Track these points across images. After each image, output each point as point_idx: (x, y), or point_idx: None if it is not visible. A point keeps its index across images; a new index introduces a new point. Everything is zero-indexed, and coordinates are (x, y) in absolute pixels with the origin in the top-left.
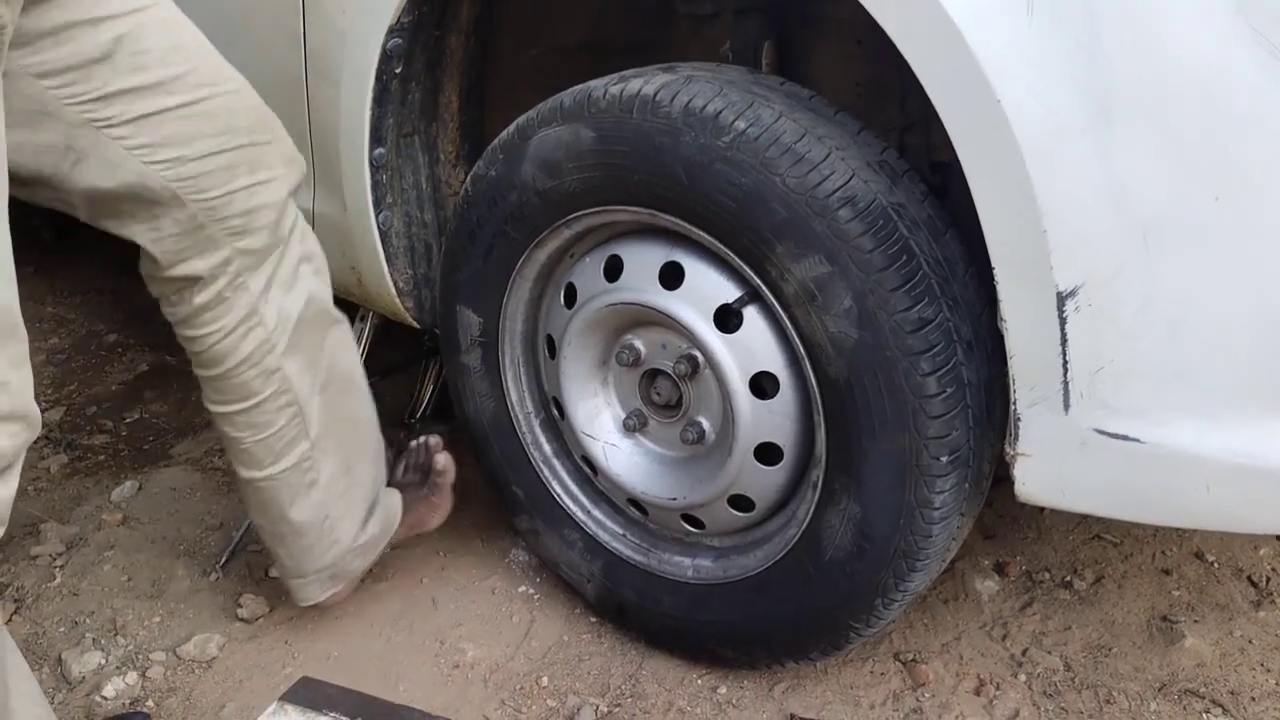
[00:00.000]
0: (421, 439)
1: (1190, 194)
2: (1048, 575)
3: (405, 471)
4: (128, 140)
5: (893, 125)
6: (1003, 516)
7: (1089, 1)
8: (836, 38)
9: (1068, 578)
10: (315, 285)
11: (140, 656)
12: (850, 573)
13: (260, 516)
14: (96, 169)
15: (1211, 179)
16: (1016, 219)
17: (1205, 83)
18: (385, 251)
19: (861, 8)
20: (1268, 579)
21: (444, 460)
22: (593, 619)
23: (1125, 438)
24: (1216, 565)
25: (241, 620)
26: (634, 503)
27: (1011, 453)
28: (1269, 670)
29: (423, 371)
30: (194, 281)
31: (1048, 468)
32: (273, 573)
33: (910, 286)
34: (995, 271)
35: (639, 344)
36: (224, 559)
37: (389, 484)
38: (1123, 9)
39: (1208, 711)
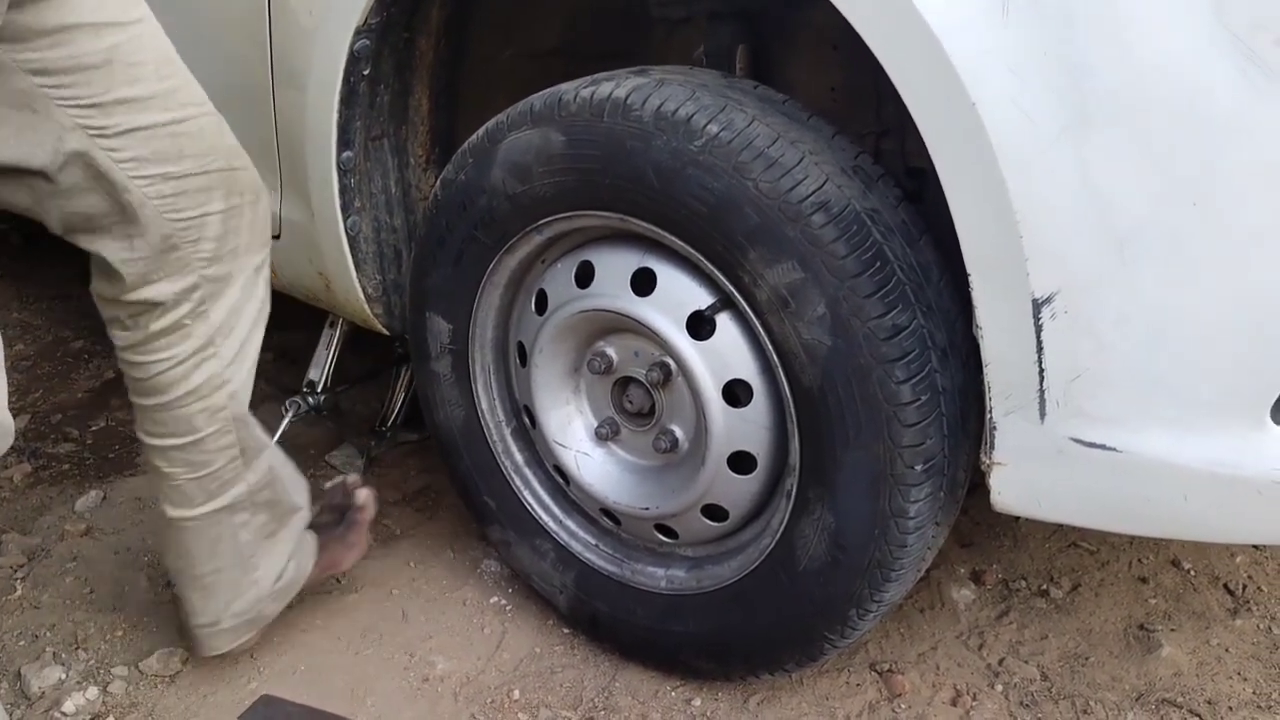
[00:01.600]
0: (339, 479)
1: (1168, 201)
2: (1024, 584)
3: (320, 512)
4: (118, 152)
5: (868, 130)
6: (979, 525)
7: (1066, 6)
8: (812, 42)
9: (1044, 586)
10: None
11: (101, 671)
12: (825, 583)
13: (180, 559)
14: (83, 177)
15: (1190, 186)
16: (992, 225)
17: (1184, 88)
18: (354, 257)
19: (837, 12)
20: (1244, 587)
21: (365, 496)
22: (566, 630)
23: (1102, 447)
24: (1193, 573)
25: None
26: (607, 513)
27: (987, 462)
28: (1246, 679)
29: (394, 379)
30: (155, 306)
31: (1024, 477)
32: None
33: (884, 293)
34: (970, 278)
35: (611, 351)
36: None
37: None
38: (1100, 14)
39: None
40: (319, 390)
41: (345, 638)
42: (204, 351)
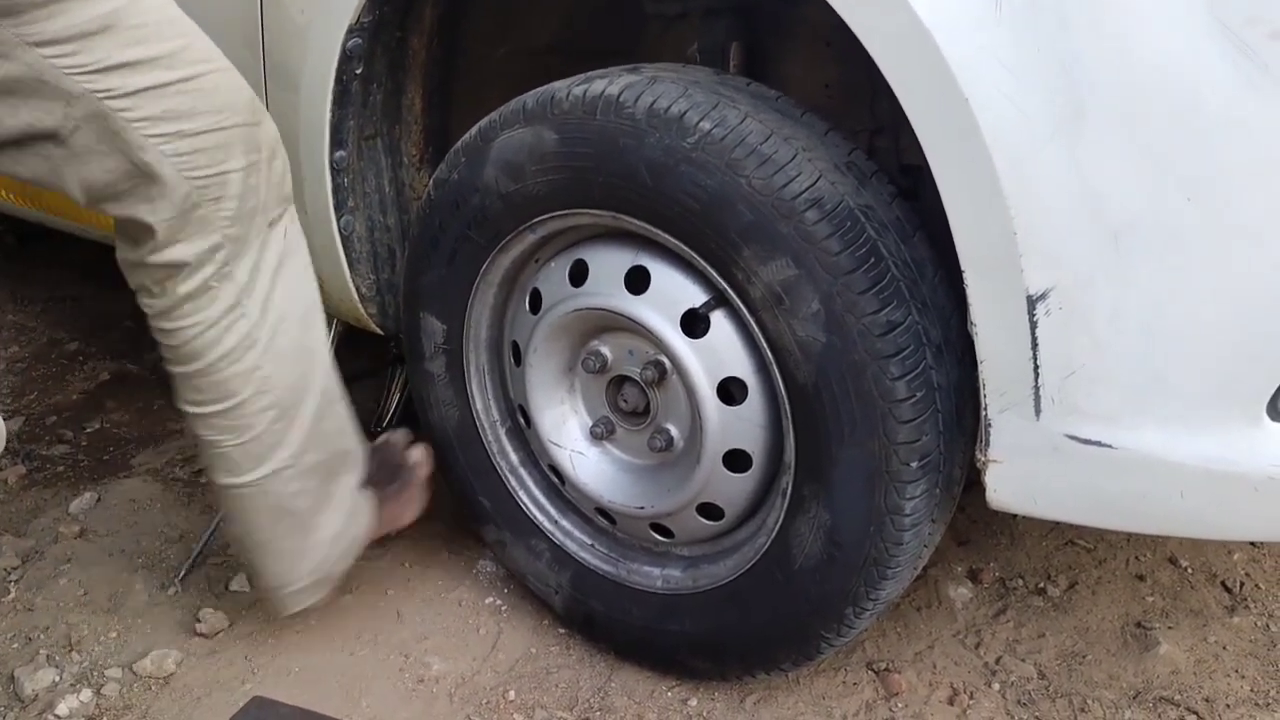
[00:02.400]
0: (386, 436)
1: (1163, 196)
2: (1021, 582)
3: (377, 469)
4: (129, 112)
5: (863, 127)
6: (976, 522)
7: (1059, 2)
8: (806, 39)
9: (1041, 584)
10: (296, 279)
11: (95, 673)
12: (821, 581)
13: (240, 526)
14: (96, 140)
15: (1185, 181)
16: (986, 222)
17: (1178, 83)
18: (347, 257)
19: (830, 9)
20: (1241, 584)
21: (418, 453)
22: (561, 630)
23: (1098, 443)
24: (1190, 571)
25: (200, 635)
26: (602, 512)
27: (983, 459)
28: (1243, 677)
29: (390, 379)
30: (179, 269)
31: (1019, 474)
32: (234, 586)
33: (879, 289)
34: (965, 275)
35: (606, 350)
36: (183, 572)
37: None
38: (1093, 9)
39: (1182, 719)
40: None
41: (340, 639)
42: (233, 313)
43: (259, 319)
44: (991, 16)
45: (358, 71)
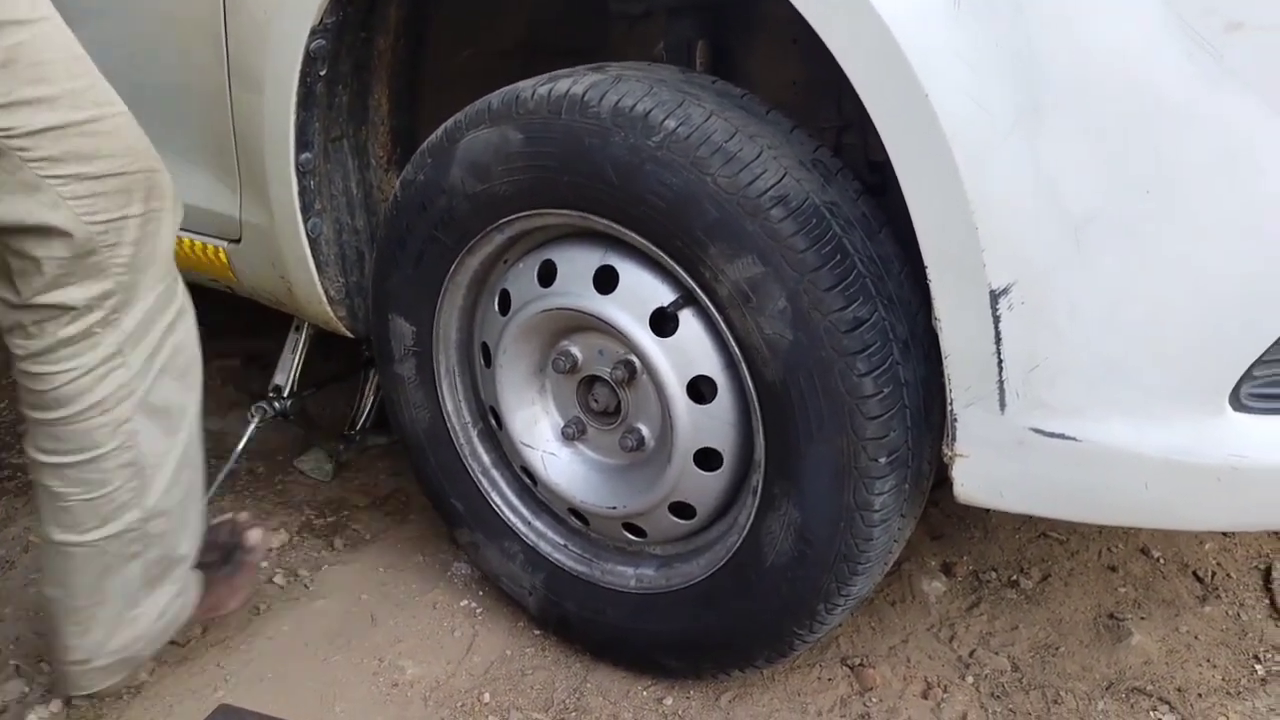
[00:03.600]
0: (229, 516)
1: (1122, 189)
2: (994, 574)
3: (206, 549)
4: (28, 153)
5: (830, 124)
6: (949, 516)
7: None
8: (772, 37)
9: (1014, 577)
10: (185, 337)
11: None
12: (792, 578)
13: (59, 588)
14: None
15: (1143, 174)
16: (948, 217)
17: (1136, 77)
18: (315, 259)
19: (793, 6)
20: (1213, 574)
21: (255, 537)
22: (536, 632)
23: (1062, 436)
24: (1162, 561)
25: (173, 643)
26: (575, 512)
27: (949, 453)
28: (1215, 666)
29: (363, 382)
30: (65, 311)
31: (986, 468)
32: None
33: (844, 286)
34: (928, 270)
35: (576, 350)
36: None
37: None
38: (1050, 4)
39: (1155, 709)
40: (285, 395)
41: (313, 644)
42: (112, 361)
43: (140, 370)
44: (950, 12)
45: (322, 73)
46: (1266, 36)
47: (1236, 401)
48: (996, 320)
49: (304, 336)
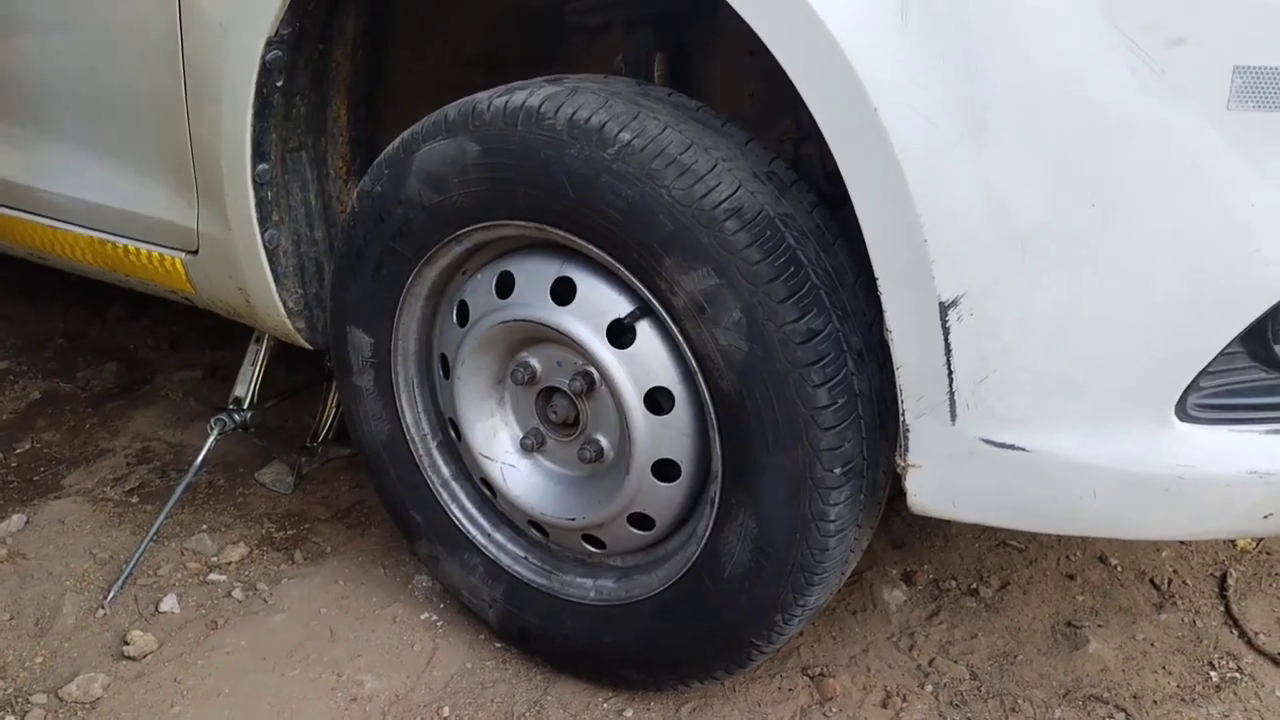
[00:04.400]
0: None
1: (1067, 202)
2: (954, 583)
3: None
4: None
5: (787, 136)
6: (911, 525)
7: (962, 12)
8: (729, 49)
9: (974, 585)
10: None
11: (19, 700)
12: (749, 589)
13: None
14: None
15: (1087, 186)
16: (897, 231)
17: (1079, 91)
18: (273, 271)
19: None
20: (1169, 581)
21: None
22: (498, 645)
23: (1012, 447)
24: (1120, 568)
25: (128, 658)
26: (534, 524)
27: (902, 464)
28: (1170, 673)
29: (325, 393)
30: None
31: (938, 479)
32: (164, 607)
33: (798, 298)
34: (879, 283)
35: (534, 362)
36: (112, 594)
37: None
38: (995, 19)
39: (1111, 717)
40: (245, 407)
41: (271, 659)
42: None
43: None
44: (897, 27)
45: (279, 84)
46: (1206, 51)
47: (1183, 412)
48: (946, 332)
49: (264, 348)
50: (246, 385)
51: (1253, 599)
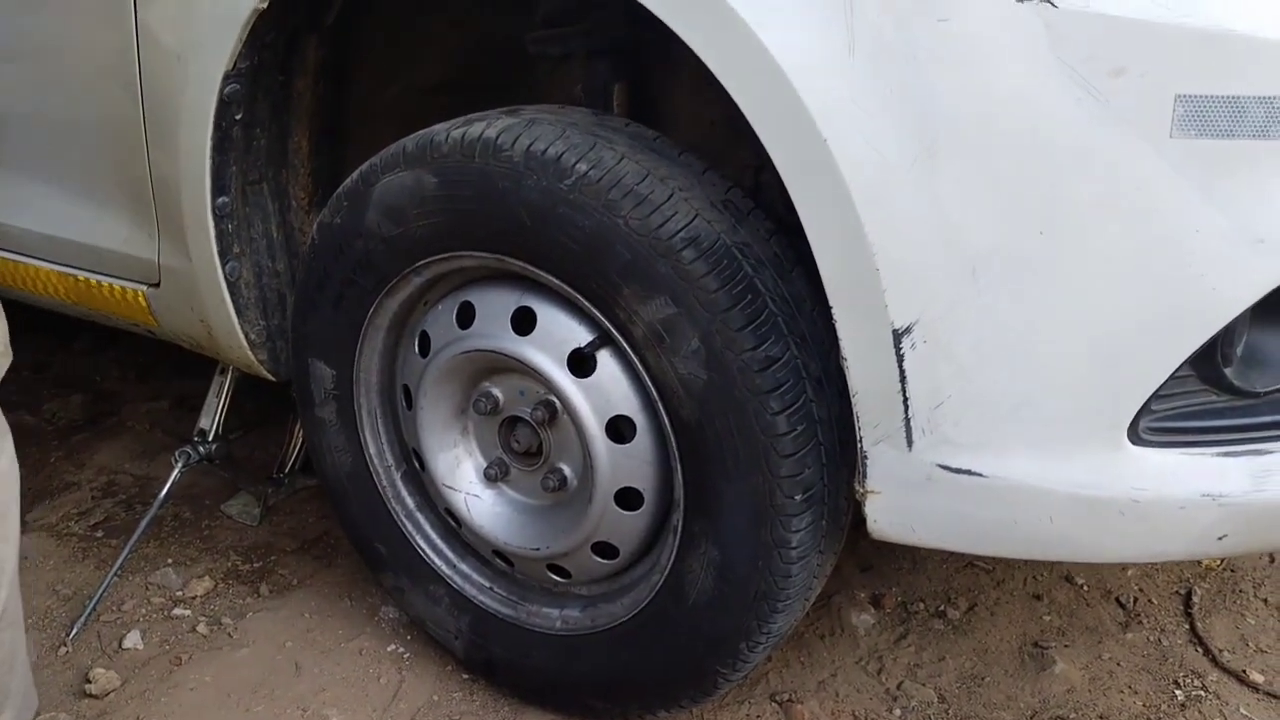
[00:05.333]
0: None
1: (1016, 229)
2: (923, 606)
3: None
4: None
5: (748, 164)
6: (879, 548)
7: (909, 45)
8: (689, 78)
9: (942, 607)
10: (9, 482)
11: None
12: (714, 617)
13: None
14: None
15: (1036, 214)
16: (850, 259)
17: (1025, 120)
18: (235, 303)
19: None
20: (1135, 600)
21: None
22: (465, 677)
23: (968, 472)
24: (1086, 588)
25: (90, 696)
26: (499, 554)
27: (861, 490)
28: (1136, 692)
29: (291, 424)
30: None
31: (896, 505)
32: (127, 644)
33: (756, 325)
34: (833, 310)
35: (497, 391)
36: (75, 630)
37: None
38: (941, 50)
39: None
40: (210, 439)
41: (235, 694)
42: None
43: None
44: (846, 59)
45: (238, 117)
46: (1147, 81)
47: (1136, 436)
48: (900, 359)
49: (229, 379)
50: (211, 417)
51: (1217, 617)
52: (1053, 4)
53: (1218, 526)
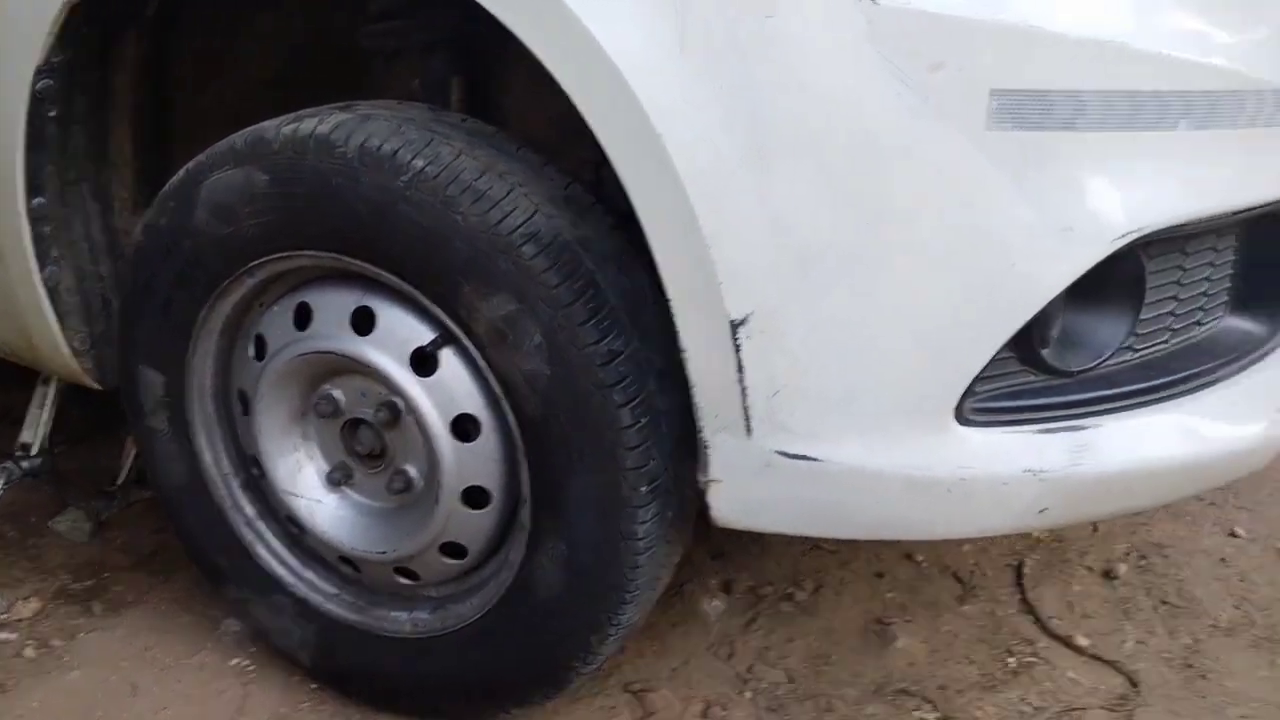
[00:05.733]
0: None
1: (845, 224)
2: (771, 589)
3: None
4: None
5: (588, 158)
6: (729, 536)
7: (736, 42)
8: (527, 73)
9: (790, 590)
10: None
11: None
12: (564, 611)
13: None
14: None
15: (863, 207)
16: (686, 252)
17: (850, 115)
18: (55, 310)
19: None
20: (971, 573)
21: None
22: (313, 686)
23: (804, 458)
24: (925, 564)
25: None
26: (345, 560)
27: (703, 479)
28: (973, 662)
29: (125, 434)
30: None
31: (737, 492)
32: None
33: (598, 320)
34: (671, 303)
35: (337, 394)
36: None
37: None
38: (768, 49)
39: (918, 709)
40: (34, 453)
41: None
42: None
43: None
44: (677, 55)
45: (52, 114)
46: (964, 76)
47: (961, 416)
48: (737, 349)
49: (53, 389)
50: (34, 430)
51: (1046, 585)
52: (874, 0)
53: (1039, 500)
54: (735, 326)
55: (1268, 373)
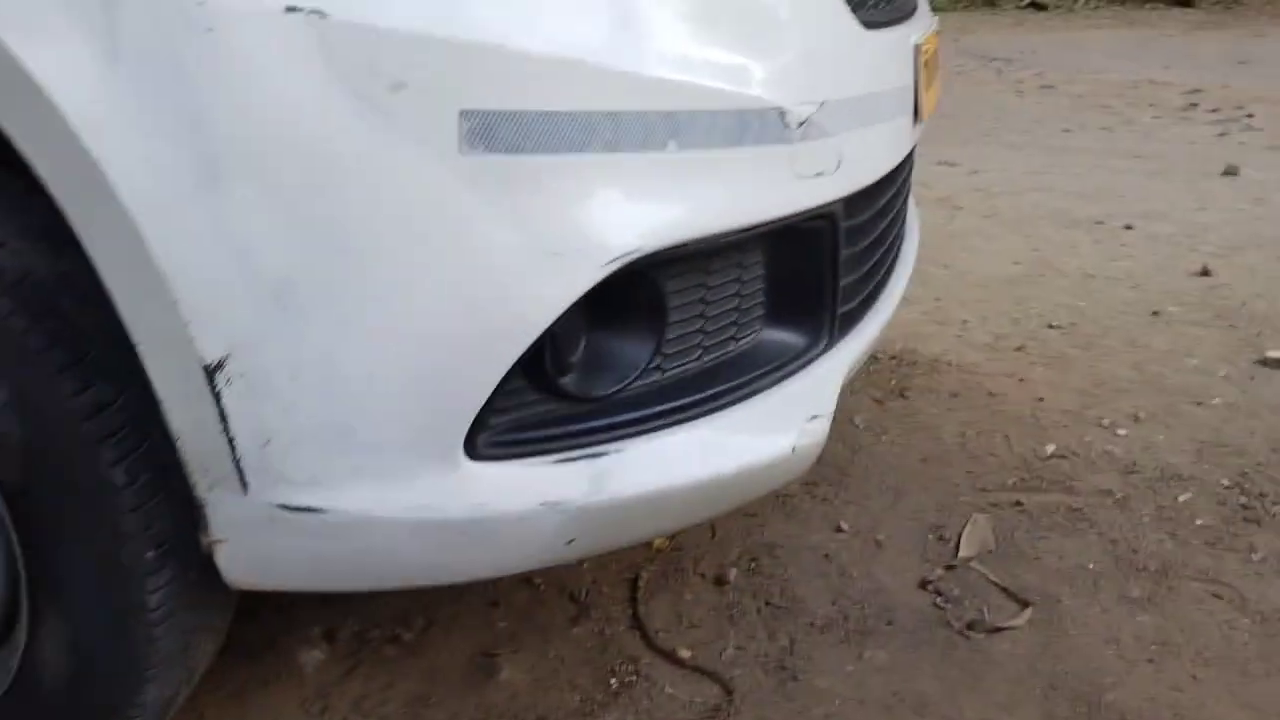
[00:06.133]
0: None
1: (314, 253)
2: (378, 632)
3: None
4: None
5: None
6: None
7: (176, 54)
8: None
9: (397, 631)
10: None
11: None
12: (74, 699)
13: None
14: None
15: (332, 236)
16: (145, 290)
17: (309, 137)
18: None
19: None
20: (587, 592)
21: None
22: None
23: (309, 509)
24: (543, 588)
25: None
26: None
27: (206, 540)
28: (576, 687)
29: None
30: None
31: (246, 551)
32: None
33: (80, 367)
34: (139, 348)
35: None
36: None
37: None
38: (212, 63)
39: None
40: None
41: None
42: None
43: None
44: (108, 70)
45: None
46: (429, 96)
47: (474, 451)
48: (217, 396)
49: None
50: None
51: (659, 598)
52: (323, 14)
53: (562, 532)
54: (211, 371)
55: (802, 382)
